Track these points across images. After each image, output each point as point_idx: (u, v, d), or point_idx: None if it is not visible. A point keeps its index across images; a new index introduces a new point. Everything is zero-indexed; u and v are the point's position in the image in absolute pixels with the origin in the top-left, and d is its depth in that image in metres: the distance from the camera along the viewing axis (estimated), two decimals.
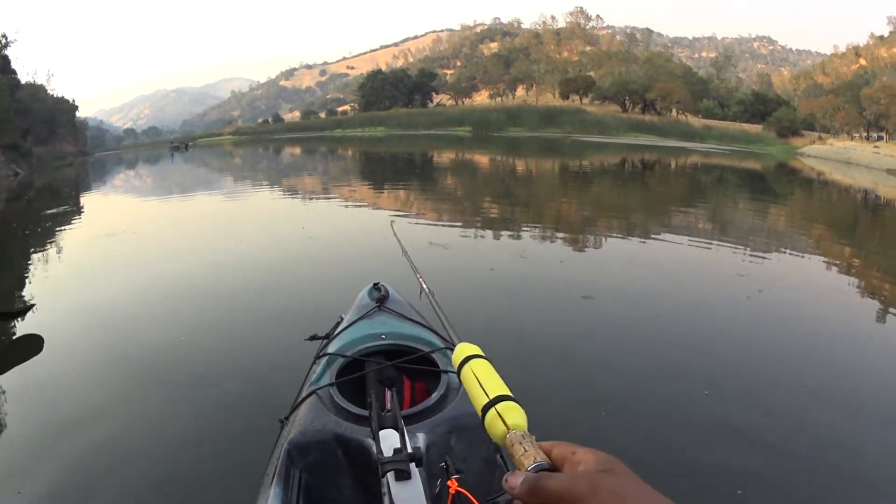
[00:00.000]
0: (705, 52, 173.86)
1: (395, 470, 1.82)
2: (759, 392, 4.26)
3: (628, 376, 4.47)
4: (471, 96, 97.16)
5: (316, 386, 2.58)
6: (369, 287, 3.54)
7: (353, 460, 2.19)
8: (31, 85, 57.90)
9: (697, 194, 18.94)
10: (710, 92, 76.18)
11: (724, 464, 3.38)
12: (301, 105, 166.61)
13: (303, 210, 15.36)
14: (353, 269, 7.69)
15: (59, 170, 42.54)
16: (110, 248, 11.21)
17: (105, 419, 4.30)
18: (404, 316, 3.19)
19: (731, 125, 59.66)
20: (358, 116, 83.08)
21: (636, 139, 46.41)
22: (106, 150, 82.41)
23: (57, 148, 57.88)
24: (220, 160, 44.14)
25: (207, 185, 24.42)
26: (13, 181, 32.81)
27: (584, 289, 6.74)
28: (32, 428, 4.28)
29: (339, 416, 2.32)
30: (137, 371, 5.10)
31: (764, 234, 11.73)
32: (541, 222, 12.59)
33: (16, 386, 5.02)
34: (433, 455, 2.06)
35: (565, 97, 77.29)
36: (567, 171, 27.41)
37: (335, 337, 3.09)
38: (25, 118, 49.13)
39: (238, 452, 3.53)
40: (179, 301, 7.10)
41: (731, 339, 5.33)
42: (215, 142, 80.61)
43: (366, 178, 26.48)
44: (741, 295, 6.64)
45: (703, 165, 31.53)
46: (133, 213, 17.25)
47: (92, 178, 35.36)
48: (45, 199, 23.88)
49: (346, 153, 45.02)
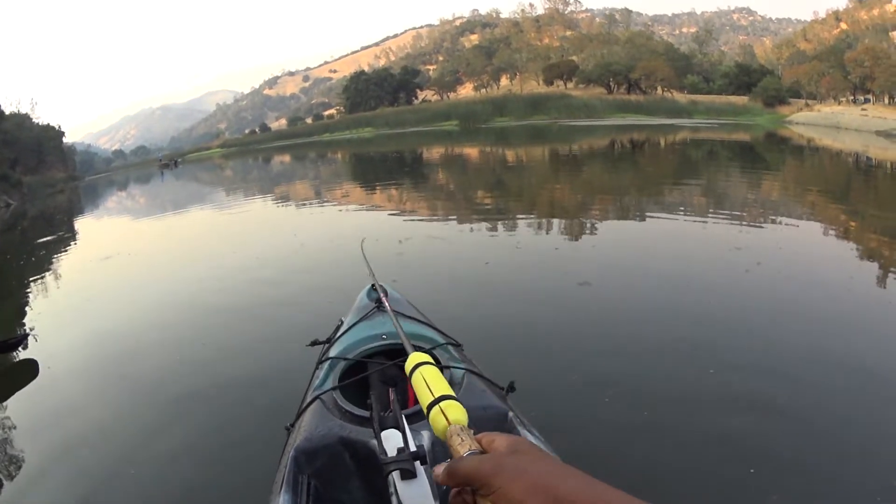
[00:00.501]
0: (686, 28, 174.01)
1: (400, 469, 1.73)
2: (766, 367, 4.18)
3: (631, 360, 4.43)
4: (455, 90, 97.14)
5: (319, 391, 2.57)
6: (368, 288, 3.53)
7: (360, 463, 2.19)
8: (15, 115, 58.04)
9: (689, 170, 18.87)
10: (693, 67, 76.28)
11: (734, 442, 3.33)
12: (287, 112, 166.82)
13: (295, 217, 15.38)
14: (348, 272, 7.60)
15: (50, 197, 42.73)
16: (107, 270, 11.22)
17: (109, 438, 4.31)
18: (404, 315, 3.15)
19: (718, 98, 59.82)
20: (345, 119, 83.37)
21: (624, 120, 46.51)
22: (96, 174, 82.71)
23: (47, 175, 58.04)
24: (210, 174, 44.18)
25: (199, 200, 24.38)
26: (5, 212, 33.08)
27: (580, 275, 6.69)
28: (37, 450, 4.29)
29: (344, 419, 2.32)
30: (140, 389, 5.11)
31: (758, 206, 11.65)
32: (533, 211, 12.56)
33: (18, 410, 5.03)
34: (439, 451, 2.03)
35: (550, 83, 77.40)
36: (557, 157, 27.42)
37: (336, 340, 3.08)
38: (13, 148, 49.51)
39: (246, 463, 3.55)
40: (178, 318, 7.12)
41: (732, 315, 5.24)
42: (205, 156, 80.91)
43: (356, 179, 26.51)
44: (740, 269, 6.61)
45: (692, 141, 31.57)
46: (127, 234, 17.27)
47: (84, 203, 35.41)
48: (39, 228, 23.92)
49: (335, 157, 45.18)
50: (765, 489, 2.97)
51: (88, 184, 59.15)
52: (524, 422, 2.26)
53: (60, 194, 45.54)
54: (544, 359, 4.51)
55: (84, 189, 50.68)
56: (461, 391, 2.37)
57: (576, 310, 5.69)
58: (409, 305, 3.44)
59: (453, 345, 2.91)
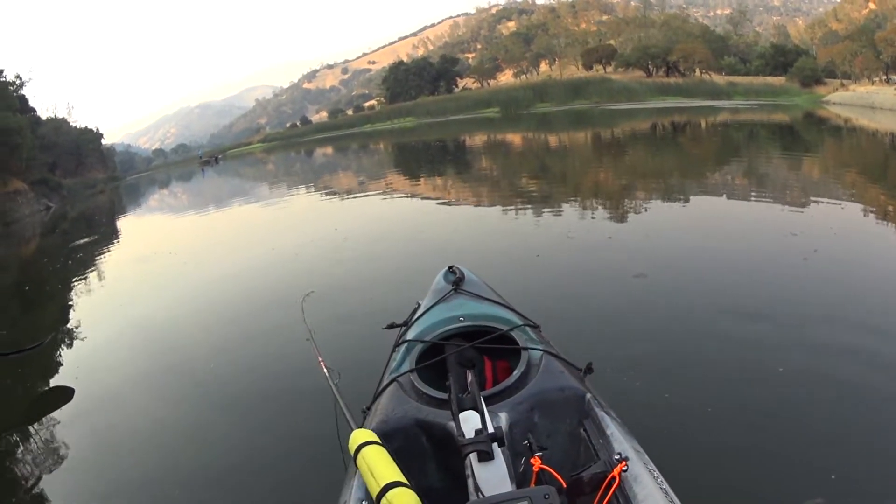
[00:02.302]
0: (720, 10, 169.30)
1: (478, 451, 1.84)
2: (835, 366, 3.93)
3: (694, 356, 4.33)
4: (495, 77, 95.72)
5: (396, 373, 2.62)
6: (444, 271, 3.52)
7: (436, 444, 2.22)
8: (52, 120, 58.14)
9: (733, 152, 18.62)
10: (730, 49, 74.40)
11: (806, 449, 3.18)
12: (327, 105, 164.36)
13: (340, 209, 15.08)
14: (418, 259, 7.85)
15: (91, 198, 42.59)
16: (162, 267, 10.99)
17: (175, 436, 4.42)
18: (481, 296, 3.17)
19: (755, 79, 58.24)
20: (385, 109, 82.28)
21: (664, 102, 45.76)
22: (137, 173, 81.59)
23: (87, 177, 58.09)
24: (252, 168, 43.89)
25: (243, 195, 24.02)
26: (45, 215, 32.93)
27: (635, 266, 6.46)
28: (97, 451, 4.41)
29: (421, 401, 2.35)
30: (209, 383, 5.18)
31: (806, 188, 11.41)
32: (582, 197, 12.25)
33: (64, 422, 4.97)
34: (516, 433, 2.08)
35: (589, 68, 76.33)
36: (601, 141, 27.24)
37: (413, 323, 3.12)
38: (51, 152, 49.76)
39: (324, 445, 3.51)
40: (233, 312, 7.16)
41: (797, 310, 4.91)
42: (246, 151, 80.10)
43: (399, 169, 26.30)
44: (797, 257, 6.24)
45: (733, 122, 30.92)
46: (171, 232, 17.20)
47: (126, 202, 35.34)
48: (78, 230, 23.40)
49: (378, 147, 44.45)
50: (843, 491, 2.86)
51: (129, 183, 58.65)
52: (602, 404, 2.26)
53: (101, 195, 45.46)
54: (606, 356, 4.15)
55: (125, 189, 50.24)
56: (539, 372, 2.37)
57: (632, 303, 5.47)
58: (486, 287, 3.39)
59: (531, 326, 2.90)
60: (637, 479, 1.80)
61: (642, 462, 1.90)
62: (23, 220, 30.21)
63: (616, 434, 2.05)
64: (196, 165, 61.85)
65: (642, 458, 1.92)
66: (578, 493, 1.87)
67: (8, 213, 29.49)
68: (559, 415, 2.25)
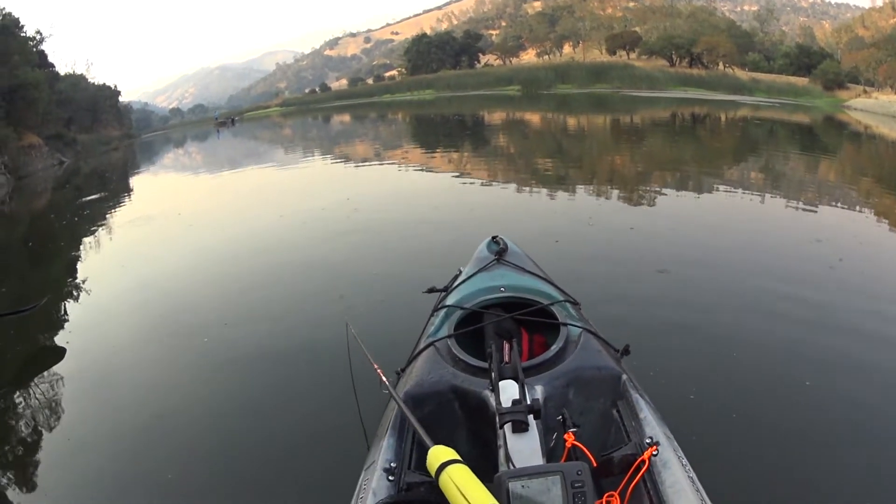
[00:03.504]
0: (747, 6, 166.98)
1: (513, 421, 1.84)
2: (867, 385, 3.77)
3: (720, 358, 4.13)
4: (518, 55, 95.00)
5: (434, 338, 2.56)
6: (488, 240, 3.46)
7: (469, 412, 2.18)
8: (71, 76, 57.32)
9: (755, 149, 18.34)
10: (754, 45, 73.43)
11: (835, 466, 3.08)
12: (348, 73, 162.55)
13: (370, 177, 14.92)
14: (428, 238, 7.66)
15: (104, 154, 42.24)
16: (169, 228, 10.86)
17: (173, 397, 4.35)
18: (523, 269, 3.12)
19: (778, 78, 57.56)
20: (406, 80, 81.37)
21: (685, 93, 45.16)
22: (153, 131, 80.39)
23: (102, 133, 57.45)
24: (269, 132, 43.41)
25: (259, 158, 23.85)
26: (58, 170, 32.71)
27: (658, 260, 6.26)
28: (91, 410, 4.36)
29: (457, 367, 2.30)
30: (214, 345, 5.10)
31: (827, 192, 11.20)
32: (602, 183, 12.02)
33: (73, 369, 5.01)
34: (550, 408, 2.05)
35: (612, 53, 75.39)
36: (621, 127, 27.00)
37: (454, 289, 3.07)
38: (68, 108, 49.22)
39: (356, 405, 3.45)
40: (255, 276, 7.02)
41: (825, 323, 4.72)
42: (263, 114, 79.12)
43: (417, 142, 26.05)
44: (823, 264, 6.09)
45: (753, 119, 30.50)
46: (189, 191, 16.92)
47: (139, 160, 35.11)
48: (90, 185, 23.18)
49: (395, 117, 44.05)
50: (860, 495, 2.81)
51: (144, 141, 58.42)
52: (637, 386, 2.21)
53: (115, 152, 45.15)
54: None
55: (140, 146, 50.07)
56: (577, 349, 2.32)
57: (653, 298, 5.27)
58: (528, 260, 3.33)
59: (571, 302, 2.84)
60: (666, 464, 1.78)
61: (672, 448, 1.87)
62: (35, 174, 30.04)
63: (649, 418, 2.01)
64: (212, 126, 61.50)
65: (672, 445, 1.89)
66: (607, 473, 1.86)
67: (21, 167, 29.09)
68: (594, 393, 2.20)
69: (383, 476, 1.86)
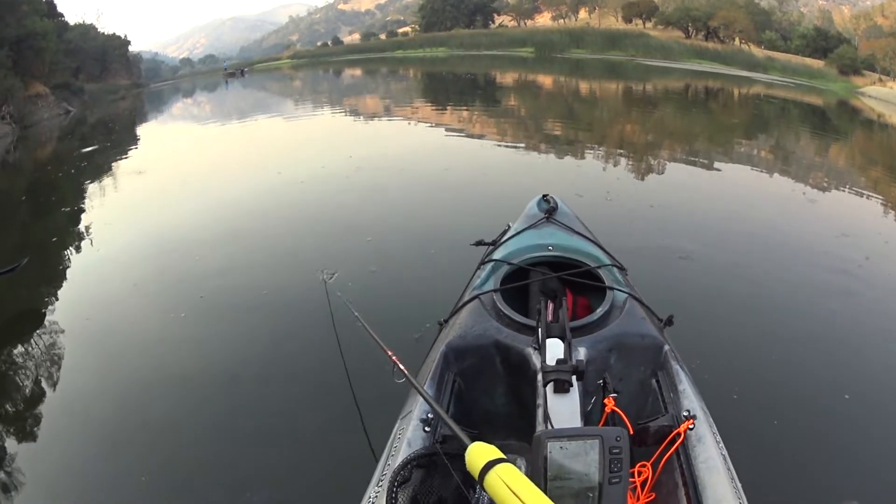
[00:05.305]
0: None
1: (556, 381, 1.80)
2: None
3: (750, 374, 3.80)
4: (533, 18, 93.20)
5: (479, 291, 2.51)
6: (538, 198, 3.40)
7: (510, 368, 2.14)
8: (80, 25, 56.59)
9: (772, 128, 18.00)
10: (772, 24, 72.16)
11: (866, 471, 3.01)
12: (361, 28, 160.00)
13: (378, 132, 14.89)
14: (439, 202, 7.75)
15: (112, 104, 42.06)
16: (170, 181, 10.89)
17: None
18: (572, 229, 3.05)
19: (794, 58, 56.59)
20: (419, 37, 79.92)
21: (700, 65, 44.16)
22: (162, 81, 79.60)
23: (110, 83, 56.41)
24: (278, 83, 43.57)
25: (266, 110, 23.83)
26: (64, 119, 32.49)
27: (679, 244, 6.05)
28: (88, 365, 4.37)
29: (501, 322, 2.25)
30: (208, 299, 5.18)
31: (845, 179, 11.00)
32: (618, 154, 11.66)
33: (67, 322, 5.05)
34: (591, 371, 2.01)
35: (628, 21, 73.74)
36: (634, 95, 26.50)
37: (501, 244, 3.02)
38: (76, 57, 48.56)
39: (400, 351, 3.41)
40: (253, 232, 7.15)
41: (859, 328, 4.50)
42: (273, 66, 78.24)
43: (427, 98, 25.91)
44: (851, 263, 5.86)
45: (766, 96, 29.75)
46: (201, 142, 17.02)
47: (147, 110, 35.36)
48: (94, 136, 23.25)
49: (407, 73, 44.10)
50: None
51: (153, 91, 58.31)
52: (678, 357, 2.16)
53: (122, 101, 44.97)
54: None
55: (148, 96, 49.91)
56: (622, 315, 2.28)
57: (674, 284, 4.99)
58: (577, 221, 3.28)
59: (618, 267, 2.78)
60: (701, 439, 1.75)
61: (708, 424, 1.84)
62: (41, 123, 29.74)
63: (688, 391, 1.98)
64: (221, 77, 61.53)
65: (708, 420, 1.86)
66: (641, 442, 1.84)
67: (27, 116, 28.77)
68: (635, 361, 2.17)
69: (419, 426, 1.84)
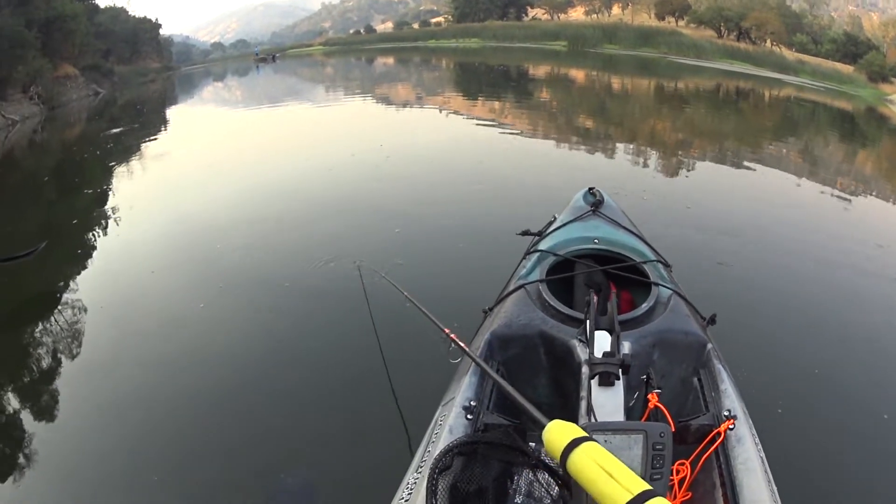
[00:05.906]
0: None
1: (602, 374, 1.81)
2: None
3: (790, 381, 3.80)
4: (566, 12, 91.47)
5: (525, 280, 2.54)
6: (584, 191, 3.43)
7: (554, 360, 2.14)
8: (111, 8, 56.71)
9: (806, 133, 17.88)
10: (803, 27, 71.13)
11: None
12: (394, 16, 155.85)
13: (408, 122, 14.80)
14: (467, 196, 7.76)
15: (141, 86, 41.83)
16: (197, 166, 10.85)
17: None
18: (618, 223, 3.05)
19: (824, 62, 55.84)
20: (452, 28, 78.94)
21: (731, 66, 44.05)
22: (192, 65, 79.17)
23: (140, 65, 56.74)
24: (310, 70, 43.21)
25: (297, 96, 23.60)
26: (93, 100, 32.57)
27: (718, 249, 5.93)
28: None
29: (546, 312, 2.27)
30: (233, 283, 5.26)
31: (874, 185, 10.94)
32: (653, 152, 11.62)
33: (93, 300, 5.15)
34: (635, 366, 1.99)
35: (661, 18, 72.78)
36: (667, 93, 26.39)
37: (547, 235, 3.04)
38: (107, 39, 48.74)
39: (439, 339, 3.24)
40: (281, 220, 7.18)
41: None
42: (305, 52, 77.56)
43: (460, 90, 25.56)
44: (888, 276, 5.74)
45: (797, 99, 29.65)
46: (230, 127, 16.97)
47: (177, 93, 35.15)
48: (122, 117, 23.04)
49: (439, 63, 43.37)
50: None
51: (183, 74, 57.80)
52: (720, 356, 2.15)
53: (152, 84, 44.80)
54: None
55: (179, 79, 49.68)
56: (666, 311, 2.28)
57: (711, 292, 4.57)
58: (623, 215, 3.26)
59: (663, 263, 2.78)
60: (741, 440, 1.76)
61: (748, 425, 1.84)
62: (70, 104, 29.88)
63: (729, 390, 1.99)
64: (252, 62, 60.85)
65: (748, 421, 1.87)
66: (681, 440, 1.84)
67: (56, 96, 29.02)
68: (678, 358, 2.18)
69: (461, 414, 1.85)
